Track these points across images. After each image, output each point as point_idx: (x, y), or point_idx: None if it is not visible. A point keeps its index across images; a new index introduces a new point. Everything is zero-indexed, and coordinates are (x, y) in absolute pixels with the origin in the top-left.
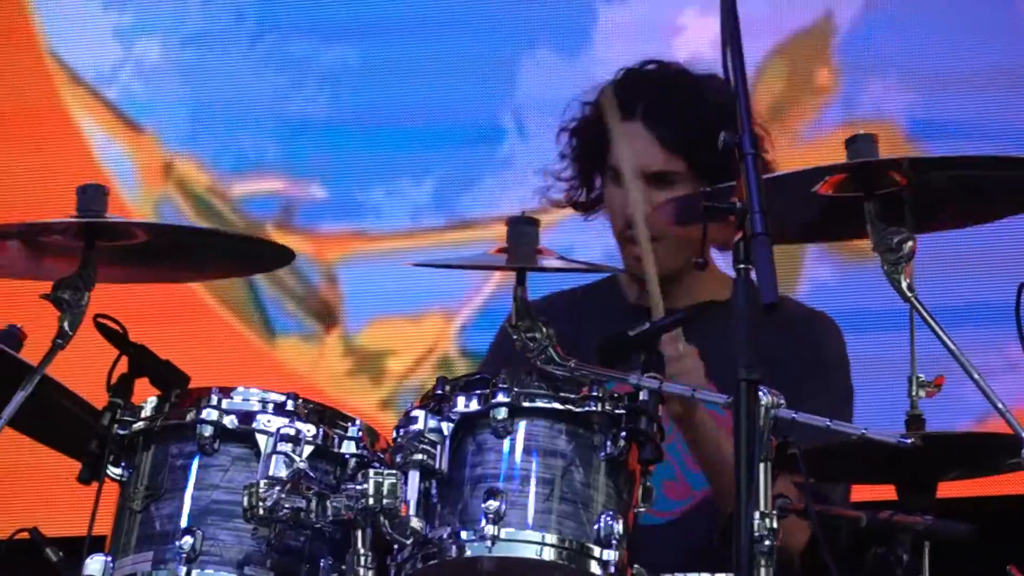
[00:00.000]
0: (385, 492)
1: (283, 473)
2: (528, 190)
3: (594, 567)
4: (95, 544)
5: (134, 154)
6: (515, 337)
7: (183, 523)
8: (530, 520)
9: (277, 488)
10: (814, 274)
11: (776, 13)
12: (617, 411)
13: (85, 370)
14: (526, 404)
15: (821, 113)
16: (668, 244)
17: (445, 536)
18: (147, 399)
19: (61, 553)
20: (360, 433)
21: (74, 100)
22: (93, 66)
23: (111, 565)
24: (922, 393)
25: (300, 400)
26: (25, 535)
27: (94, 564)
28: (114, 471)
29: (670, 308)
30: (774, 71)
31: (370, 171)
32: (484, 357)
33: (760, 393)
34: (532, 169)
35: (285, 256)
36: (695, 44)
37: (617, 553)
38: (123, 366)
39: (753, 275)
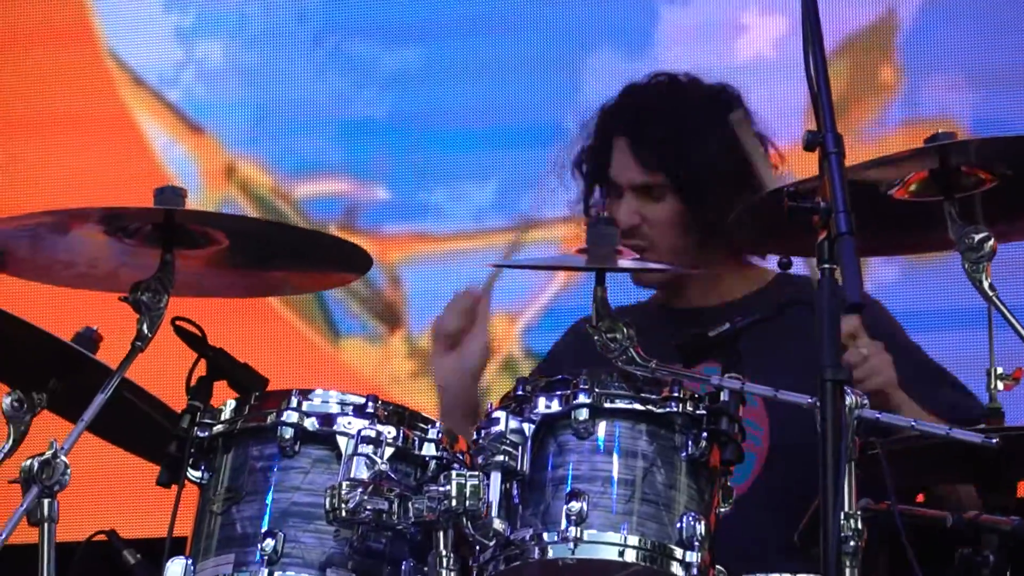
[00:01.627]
0: (468, 494)
1: (364, 475)
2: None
3: (676, 568)
4: (175, 546)
5: (197, 156)
6: (596, 338)
7: (264, 525)
8: (612, 521)
9: (359, 490)
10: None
11: (837, 11)
12: (698, 412)
13: (161, 372)
14: (607, 405)
15: (884, 112)
16: (660, 253)
17: (527, 537)
18: (226, 402)
19: (139, 555)
20: (440, 435)
21: (136, 102)
22: (154, 68)
23: (192, 568)
24: (1000, 386)
25: (380, 402)
26: (103, 537)
27: (175, 567)
28: (194, 474)
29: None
30: (836, 69)
31: (433, 172)
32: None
33: (845, 393)
34: None
35: (363, 262)
36: (757, 44)
37: (699, 554)
38: (201, 369)
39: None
